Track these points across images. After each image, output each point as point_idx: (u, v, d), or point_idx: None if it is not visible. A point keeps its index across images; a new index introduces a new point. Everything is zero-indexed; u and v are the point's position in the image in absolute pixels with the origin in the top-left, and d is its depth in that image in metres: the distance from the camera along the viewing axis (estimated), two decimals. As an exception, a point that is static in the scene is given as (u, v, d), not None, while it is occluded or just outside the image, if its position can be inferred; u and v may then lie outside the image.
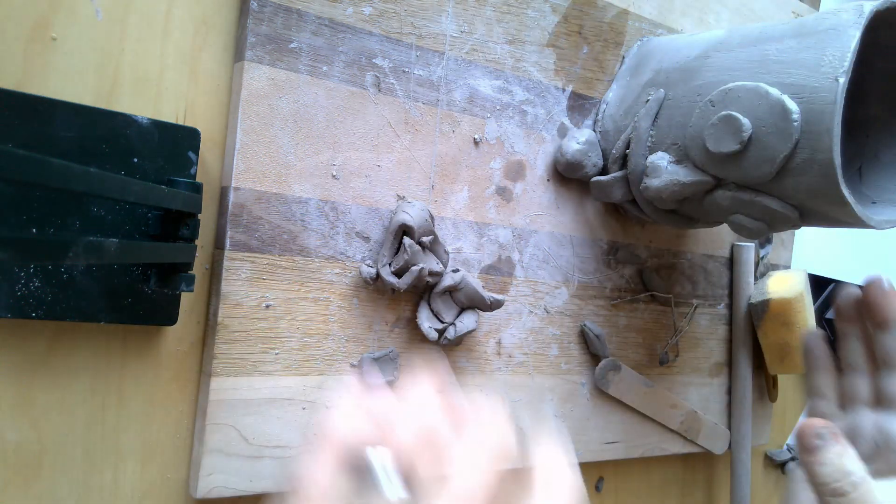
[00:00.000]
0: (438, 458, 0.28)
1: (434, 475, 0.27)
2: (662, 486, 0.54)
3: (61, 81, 0.30)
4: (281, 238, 0.34)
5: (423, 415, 0.29)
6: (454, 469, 0.27)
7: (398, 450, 0.28)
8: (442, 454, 0.28)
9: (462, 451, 0.28)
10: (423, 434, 0.28)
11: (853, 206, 0.33)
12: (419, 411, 0.29)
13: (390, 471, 0.28)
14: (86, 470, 0.31)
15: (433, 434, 0.28)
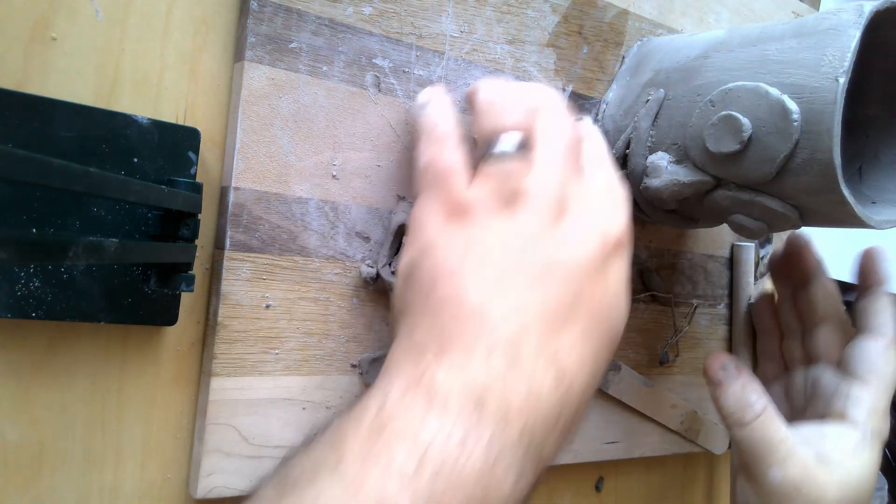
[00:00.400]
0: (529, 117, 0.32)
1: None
2: (662, 486, 0.54)
3: (61, 81, 0.30)
4: (281, 238, 0.34)
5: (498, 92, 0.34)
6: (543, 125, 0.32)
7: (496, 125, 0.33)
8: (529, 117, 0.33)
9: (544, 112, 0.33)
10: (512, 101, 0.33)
11: (853, 206, 0.33)
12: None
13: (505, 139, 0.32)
14: (86, 470, 0.31)
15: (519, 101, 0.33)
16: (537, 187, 0.30)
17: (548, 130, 0.32)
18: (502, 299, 0.27)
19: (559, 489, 0.47)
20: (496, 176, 0.30)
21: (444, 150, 0.32)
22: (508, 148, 0.31)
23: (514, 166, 0.31)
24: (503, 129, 0.32)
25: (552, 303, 0.28)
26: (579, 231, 0.30)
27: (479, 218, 0.29)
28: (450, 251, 0.29)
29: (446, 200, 0.30)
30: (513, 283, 0.28)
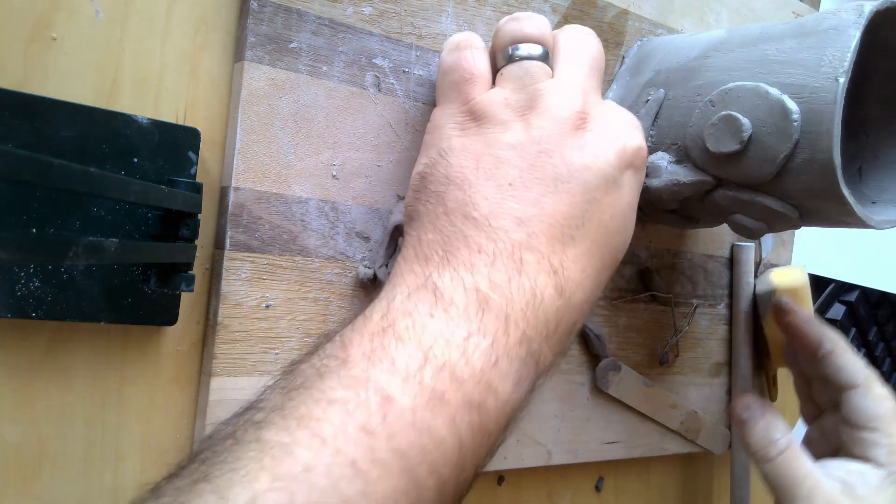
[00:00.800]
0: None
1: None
2: (662, 486, 0.54)
3: (61, 81, 0.30)
4: (281, 238, 0.34)
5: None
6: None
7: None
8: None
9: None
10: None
11: (853, 206, 0.33)
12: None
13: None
14: (86, 470, 0.31)
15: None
16: (559, 93, 0.29)
17: (572, 43, 0.32)
18: (512, 208, 0.27)
19: (559, 489, 0.47)
20: (516, 78, 0.30)
21: (466, 54, 0.32)
22: (531, 52, 0.31)
23: (536, 68, 0.30)
24: (524, 37, 0.31)
25: (562, 213, 0.27)
26: (599, 140, 0.29)
27: (497, 122, 0.29)
28: (464, 158, 0.29)
29: (464, 104, 0.30)
30: (525, 191, 0.27)
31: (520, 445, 0.42)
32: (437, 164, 0.29)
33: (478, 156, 0.28)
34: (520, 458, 0.42)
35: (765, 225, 0.37)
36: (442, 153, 0.29)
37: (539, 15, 0.33)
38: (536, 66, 0.30)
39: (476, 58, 0.32)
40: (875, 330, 0.67)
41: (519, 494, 0.46)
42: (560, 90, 0.30)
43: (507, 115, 0.29)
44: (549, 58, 0.31)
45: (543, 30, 0.32)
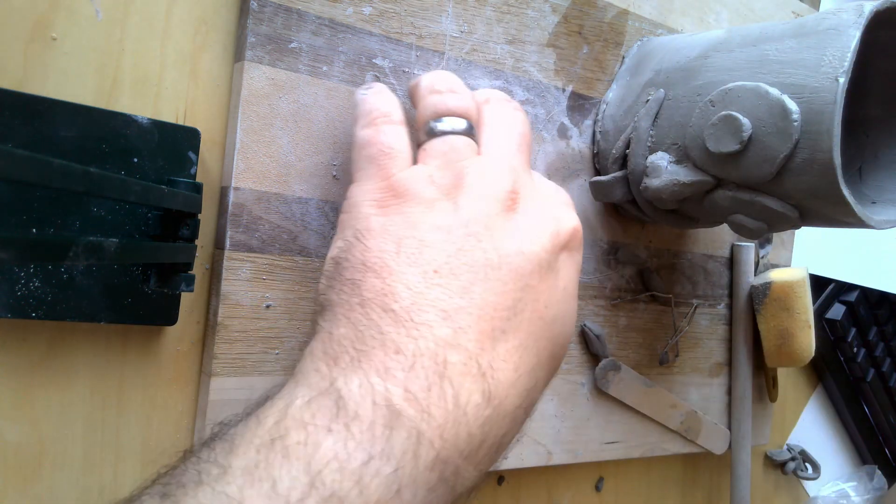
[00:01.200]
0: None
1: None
2: (662, 486, 0.54)
3: (61, 81, 0.30)
4: (281, 238, 0.33)
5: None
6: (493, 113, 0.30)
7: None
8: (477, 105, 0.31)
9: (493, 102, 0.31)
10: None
11: (853, 206, 0.33)
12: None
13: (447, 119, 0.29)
14: (86, 470, 0.31)
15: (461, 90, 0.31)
16: (488, 171, 0.27)
17: (499, 117, 0.30)
18: (437, 298, 0.24)
19: (559, 489, 0.47)
20: (440, 154, 0.28)
21: (383, 129, 0.29)
22: (455, 126, 0.29)
23: (461, 144, 0.28)
24: (447, 111, 0.29)
25: (493, 304, 0.24)
26: (532, 222, 0.27)
27: (421, 200, 0.26)
28: (383, 241, 0.26)
29: (383, 179, 0.27)
30: (452, 279, 0.24)
31: (520, 445, 0.42)
32: (353, 247, 0.26)
33: (399, 238, 0.25)
34: (520, 458, 0.42)
35: (765, 225, 0.37)
36: (359, 235, 0.26)
37: (461, 83, 0.31)
38: (462, 141, 0.28)
39: (395, 132, 0.29)
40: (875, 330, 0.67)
41: (519, 494, 0.46)
42: (489, 168, 0.27)
43: (432, 193, 0.26)
44: (473, 131, 0.29)
45: (467, 102, 0.30)
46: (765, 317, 0.53)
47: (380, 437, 0.21)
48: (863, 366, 0.66)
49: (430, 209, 0.26)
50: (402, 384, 0.22)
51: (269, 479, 0.20)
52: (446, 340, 0.23)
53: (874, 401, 0.68)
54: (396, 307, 0.24)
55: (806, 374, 0.66)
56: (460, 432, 0.23)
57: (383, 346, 0.23)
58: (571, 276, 0.28)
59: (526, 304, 0.25)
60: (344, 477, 0.21)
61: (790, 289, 0.51)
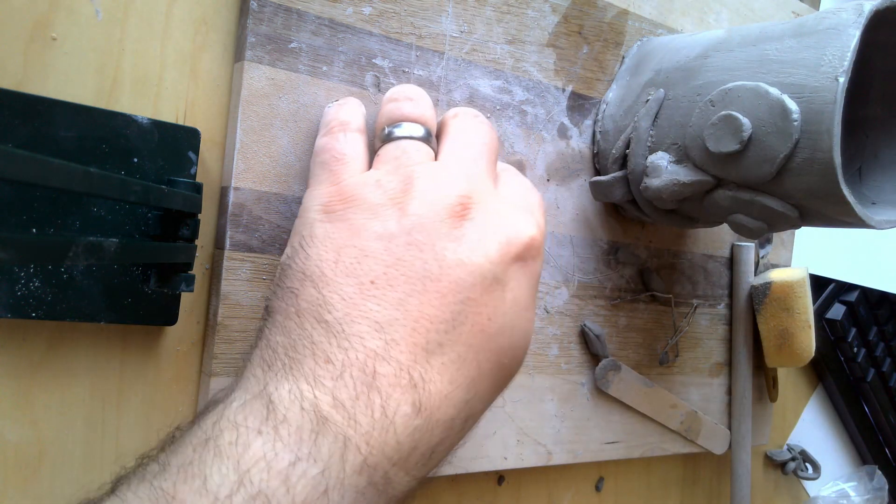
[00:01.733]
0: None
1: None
2: (662, 486, 0.54)
3: (61, 81, 0.30)
4: (281, 238, 0.33)
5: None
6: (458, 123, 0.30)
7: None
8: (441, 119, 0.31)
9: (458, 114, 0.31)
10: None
11: (853, 206, 0.33)
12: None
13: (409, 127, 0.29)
14: (86, 470, 0.31)
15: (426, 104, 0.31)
16: (438, 176, 0.26)
17: (461, 126, 0.29)
18: (371, 310, 0.24)
19: (559, 489, 0.47)
20: (391, 158, 0.27)
21: (339, 136, 0.29)
22: (412, 133, 0.28)
23: (413, 148, 0.27)
24: (404, 118, 0.29)
25: (429, 317, 0.24)
26: (480, 231, 0.26)
27: (366, 207, 0.26)
28: (324, 249, 0.25)
29: (332, 186, 0.27)
30: (388, 290, 0.24)
31: (520, 445, 0.42)
32: (297, 254, 0.26)
33: (339, 247, 0.25)
34: (520, 458, 0.42)
35: (765, 225, 0.37)
36: (303, 242, 0.26)
37: (423, 93, 0.31)
38: (414, 145, 0.28)
39: (349, 139, 0.29)
40: (875, 330, 0.67)
41: (519, 494, 0.46)
42: (440, 173, 0.26)
43: (378, 198, 0.26)
44: (431, 140, 0.29)
45: (424, 110, 0.29)
46: (765, 317, 0.53)
47: (307, 440, 0.22)
48: (863, 366, 0.66)
49: (374, 216, 0.26)
50: (330, 392, 0.23)
51: (201, 476, 0.21)
52: (376, 352, 0.23)
53: (874, 401, 0.68)
54: (329, 318, 0.24)
55: (806, 374, 0.66)
56: (388, 440, 0.23)
57: (314, 356, 0.24)
58: (524, 288, 0.27)
59: (466, 316, 0.25)
60: (271, 476, 0.21)
61: (790, 289, 0.51)
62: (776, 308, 0.52)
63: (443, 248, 0.25)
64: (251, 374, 0.25)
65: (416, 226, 0.25)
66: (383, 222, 0.25)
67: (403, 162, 0.27)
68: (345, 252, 0.25)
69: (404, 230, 0.25)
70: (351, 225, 0.26)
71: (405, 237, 0.25)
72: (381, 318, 0.24)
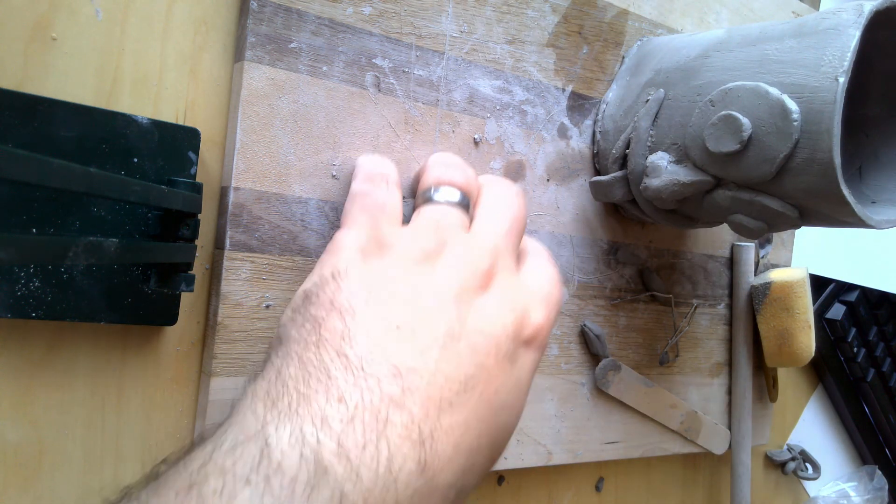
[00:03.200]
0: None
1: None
2: (662, 486, 0.54)
3: (61, 81, 0.30)
4: (281, 238, 0.33)
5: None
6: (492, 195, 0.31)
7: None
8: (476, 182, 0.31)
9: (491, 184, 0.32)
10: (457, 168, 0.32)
11: (853, 205, 0.33)
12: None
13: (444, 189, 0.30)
14: (86, 470, 0.31)
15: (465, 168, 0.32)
16: (470, 248, 0.28)
17: (495, 198, 0.31)
18: (393, 353, 0.24)
19: (559, 489, 0.47)
20: (431, 220, 0.28)
21: (379, 186, 0.30)
22: (450, 198, 0.30)
23: (453, 216, 0.29)
24: (449, 182, 0.30)
25: (445, 374, 0.24)
26: (499, 306, 0.27)
27: (402, 258, 0.27)
28: (356, 285, 0.26)
29: (371, 232, 0.28)
30: (412, 338, 0.24)
31: (520, 445, 0.42)
32: (327, 284, 0.26)
33: (371, 286, 0.26)
34: (520, 458, 0.42)
35: (765, 225, 0.37)
36: (335, 274, 0.26)
37: (466, 165, 0.32)
38: (454, 213, 0.29)
39: (391, 191, 0.30)
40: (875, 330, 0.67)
41: (519, 494, 0.46)
42: (472, 245, 0.28)
43: (414, 252, 0.27)
44: (469, 207, 0.30)
45: (469, 179, 0.31)
46: (765, 317, 0.53)
47: (300, 494, 0.20)
48: (863, 366, 0.66)
49: (408, 268, 0.27)
50: (336, 437, 0.21)
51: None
52: (392, 398, 0.23)
53: (874, 401, 0.68)
54: (351, 353, 0.23)
55: (806, 374, 0.66)
56: (388, 499, 0.21)
57: (327, 392, 0.22)
58: (527, 372, 0.28)
59: (478, 382, 0.25)
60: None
61: (790, 289, 0.51)
62: (776, 308, 0.52)
63: (465, 313, 0.26)
64: (250, 410, 0.23)
65: (445, 286, 0.26)
66: (415, 276, 0.26)
67: (441, 224, 0.28)
68: (376, 292, 0.26)
69: (433, 288, 0.26)
70: (385, 271, 0.26)
71: (433, 296, 0.26)
72: (402, 363, 0.24)
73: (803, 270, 0.52)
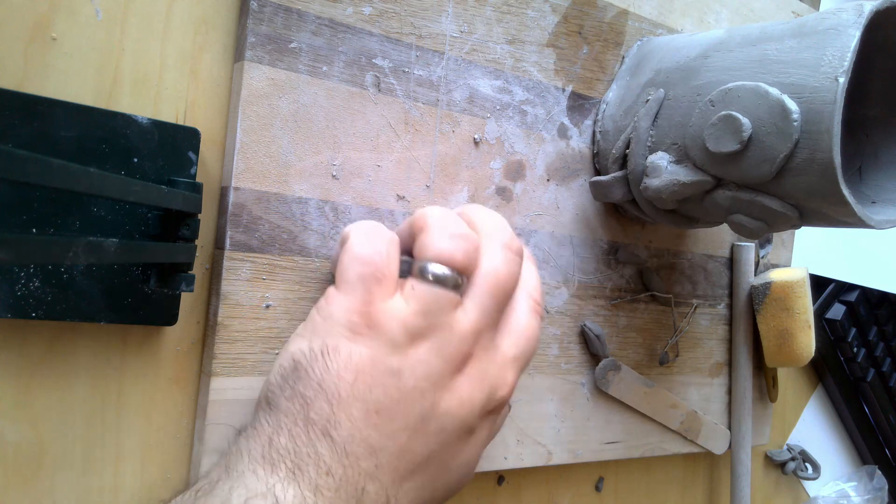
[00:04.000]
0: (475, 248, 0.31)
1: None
2: (662, 486, 0.54)
3: (61, 81, 0.30)
4: (281, 238, 0.33)
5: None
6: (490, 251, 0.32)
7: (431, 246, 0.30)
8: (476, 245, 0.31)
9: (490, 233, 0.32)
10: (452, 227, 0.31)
11: (853, 206, 0.33)
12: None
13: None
14: (86, 470, 0.31)
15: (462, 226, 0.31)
16: (454, 331, 0.29)
17: (488, 273, 0.30)
18: (370, 436, 0.27)
19: (559, 489, 0.47)
20: (422, 301, 0.29)
21: (381, 249, 0.30)
22: (446, 281, 0.29)
23: (446, 301, 0.29)
24: (449, 261, 0.29)
25: (412, 452, 0.28)
26: (472, 388, 0.30)
27: (388, 340, 0.28)
28: (344, 370, 0.28)
29: (363, 307, 0.29)
30: (388, 422, 0.28)
31: (520, 445, 0.42)
32: (317, 361, 0.28)
33: (358, 371, 0.28)
34: (520, 458, 0.42)
35: (765, 225, 0.37)
36: (325, 352, 0.28)
37: (471, 232, 0.31)
38: (448, 297, 0.29)
39: (390, 256, 0.30)
40: (875, 330, 0.67)
41: (519, 494, 0.46)
42: (458, 329, 0.29)
43: (401, 337, 0.28)
44: (463, 283, 0.30)
45: (469, 255, 0.30)
46: (765, 317, 0.53)
47: None
48: (863, 366, 0.66)
49: (392, 351, 0.28)
50: (329, 500, 0.26)
51: None
52: (368, 473, 0.27)
53: (874, 401, 0.68)
54: (335, 435, 0.27)
55: (806, 374, 0.66)
56: None
57: (317, 466, 0.27)
58: (484, 436, 0.32)
59: (438, 454, 0.29)
60: None
61: (790, 289, 0.51)
62: (776, 308, 0.52)
63: (439, 398, 0.29)
64: (250, 471, 0.27)
65: (425, 374, 0.28)
66: (399, 360, 0.28)
67: (432, 309, 0.29)
68: (361, 378, 0.28)
69: (414, 374, 0.28)
70: (372, 354, 0.28)
71: (413, 381, 0.28)
72: (376, 444, 0.27)
73: (803, 270, 0.52)
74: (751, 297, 0.53)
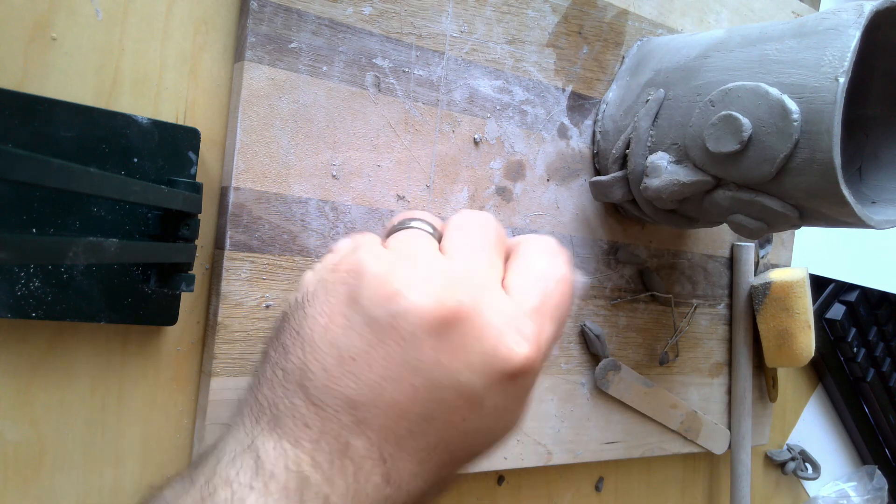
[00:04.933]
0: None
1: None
2: (662, 486, 0.54)
3: (61, 81, 0.30)
4: (281, 238, 0.33)
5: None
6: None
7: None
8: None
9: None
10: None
11: (853, 206, 0.33)
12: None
13: None
14: (86, 470, 0.31)
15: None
16: (434, 268, 0.25)
17: (463, 217, 0.29)
18: (347, 386, 0.24)
19: (559, 489, 0.47)
20: (396, 240, 0.27)
21: (371, 235, 0.29)
22: (421, 227, 0.28)
23: (420, 235, 0.27)
24: (420, 218, 0.29)
25: (401, 407, 0.24)
26: (466, 342, 0.24)
27: (361, 274, 0.25)
28: (319, 313, 0.26)
29: (349, 254, 0.27)
30: (366, 370, 0.24)
31: (520, 445, 0.42)
32: (297, 310, 0.27)
33: (332, 314, 0.25)
34: (520, 458, 0.42)
35: (765, 225, 0.37)
36: (306, 298, 0.27)
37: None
38: (422, 234, 0.27)
39: (374, 236, 0.28)
40: (875, 330, 0.67)
41: (519, 494, 0.46)
42: (440, 263, 0.26)
43: (377, 268, 0.25)
44: (437, 236, 0.28)
45: (433, 218, 0.29)
46: (765, 317, 0.53)
47: (294, 495, 0.23)
48: (863, 366, 0.66)
49: (364, 285, 0.25)
50: (309, 454, 0.24)
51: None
52: (350, 427, 0.24)
53: (874, 401, 0.68)
54: (310, 385, 0.25)
55: (806, 374, 0.66)
56: (363, 502, 0.24)
57: (293, 418, 0.25)
58: (510, 400, 0.26)
59: (438, 414, 0.25)
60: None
61: (790, 289, 0.51)
62: (776, 308, 0.52)
63: (424, 345, 0.24)
64: (241, 425, 0.26)
65: (401, 312, 0.24)
66: (374, 297, 0.25)
67: (409, 243, 0.27)
68: (335, 321, 0.25)
69: (391, 312, 0.24)
70: (348, 291, 0.25)
71: (390, 320, 0.24)
72: (356, 396, 0.25)
73: (803, 270, 0.52)
74: (751, 297, 0.53)
